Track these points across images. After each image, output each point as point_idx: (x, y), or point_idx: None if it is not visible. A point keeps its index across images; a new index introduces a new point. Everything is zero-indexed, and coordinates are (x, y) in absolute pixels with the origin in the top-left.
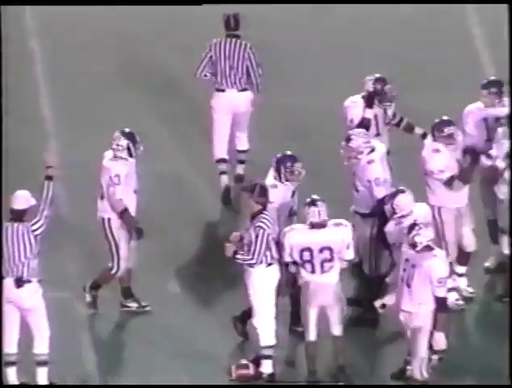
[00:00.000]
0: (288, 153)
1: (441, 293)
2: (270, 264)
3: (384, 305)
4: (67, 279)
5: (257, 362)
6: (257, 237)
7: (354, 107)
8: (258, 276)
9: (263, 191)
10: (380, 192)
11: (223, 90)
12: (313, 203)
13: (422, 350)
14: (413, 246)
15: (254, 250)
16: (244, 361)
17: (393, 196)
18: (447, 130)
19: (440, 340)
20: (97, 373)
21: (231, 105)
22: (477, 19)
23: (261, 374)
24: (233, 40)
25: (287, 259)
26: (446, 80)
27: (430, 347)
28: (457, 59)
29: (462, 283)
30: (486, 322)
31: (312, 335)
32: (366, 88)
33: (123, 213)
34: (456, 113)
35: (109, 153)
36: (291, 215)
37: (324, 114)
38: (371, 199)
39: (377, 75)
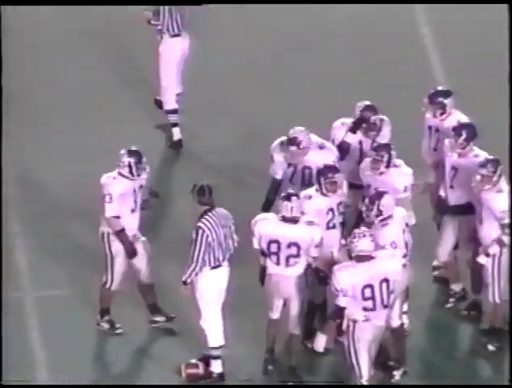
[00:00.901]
0: (329, 163)
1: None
2: (215, 267)
3: None
4: (16, 278)
5: (206, 361)
6: (196, 237)
7: (341, 129)
8: (202, 279)
9: (206, 192)
10: None
11: (178, 35)
12: (288, 198)
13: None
14: (349, 252)
15: (193, 253)
16: (193, 361)
17: (379, 197)
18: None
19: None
20: (46, 373)
21: (182, 50)
22: (425, 19)
23: (211, 374)
24: None
25: (256, 246)
26: (394, 80)
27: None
28: (405, 58)
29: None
30: (435, 323)
31: (275, 314)
32: (355, 114)
33: (119, 233)
34: (404, 113)
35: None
36: (333, 227)
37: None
38: None
39: (367, 103)
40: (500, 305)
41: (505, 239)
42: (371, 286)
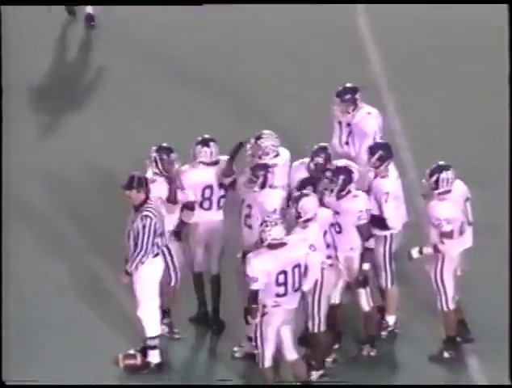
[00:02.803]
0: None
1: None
2: (156, 254)
3: None
4: None
5: (145, 352)
6: (144, 226)
7: (298, 169)
8: (145, 266)
9: (142, 182)
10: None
11: None
12: (206, 143)
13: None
14: (261, 241)
15: (142, 241)
16: (131, 351)
17: (297, 199)
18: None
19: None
20: None
21: None
22: (364, 15)
23: (148, 364)
24: None
25: (192, 197)
26: (332, 73)
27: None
28: (343, 51)
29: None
30: None
31: (197, 267)
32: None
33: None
34: None
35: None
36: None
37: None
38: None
39: (322, 145)
40: (450, 313)
41: (442, 247)
42: (284, 272)
